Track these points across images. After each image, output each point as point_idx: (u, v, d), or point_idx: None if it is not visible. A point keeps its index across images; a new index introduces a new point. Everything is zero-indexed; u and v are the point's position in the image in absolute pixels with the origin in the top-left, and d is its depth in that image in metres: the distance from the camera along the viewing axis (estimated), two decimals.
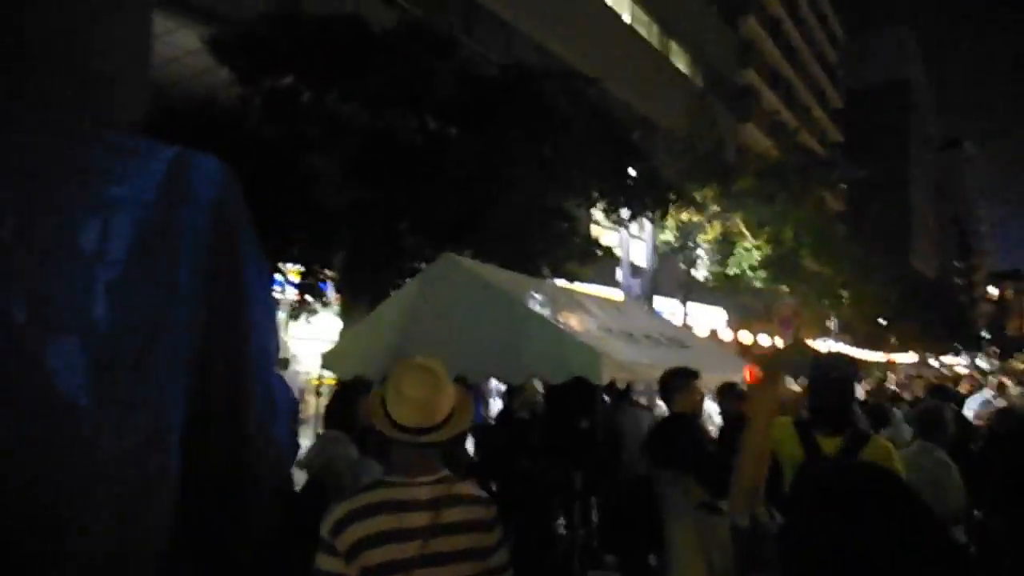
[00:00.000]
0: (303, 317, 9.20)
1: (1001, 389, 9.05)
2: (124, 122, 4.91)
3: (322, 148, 6.16)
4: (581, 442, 5.66)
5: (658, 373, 5.97)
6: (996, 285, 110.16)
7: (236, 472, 2.70)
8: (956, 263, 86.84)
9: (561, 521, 6.76)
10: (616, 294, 15.99)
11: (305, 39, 6.38)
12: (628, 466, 6.43)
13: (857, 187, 28.98)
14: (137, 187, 2.57)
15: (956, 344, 60.14)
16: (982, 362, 60.66)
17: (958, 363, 56.37)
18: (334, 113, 6.43)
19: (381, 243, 7.54)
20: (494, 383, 9.31)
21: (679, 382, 4.21)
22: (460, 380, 5.09)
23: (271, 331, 3.84)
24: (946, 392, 8.31)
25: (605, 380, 5.12)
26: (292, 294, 8.79)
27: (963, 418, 8.20)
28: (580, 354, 5.03)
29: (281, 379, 3.51)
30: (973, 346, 66.61)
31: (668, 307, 20.58)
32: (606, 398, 6.70)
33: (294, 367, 15.41)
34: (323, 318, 9.85)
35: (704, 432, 2.54)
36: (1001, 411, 6.88)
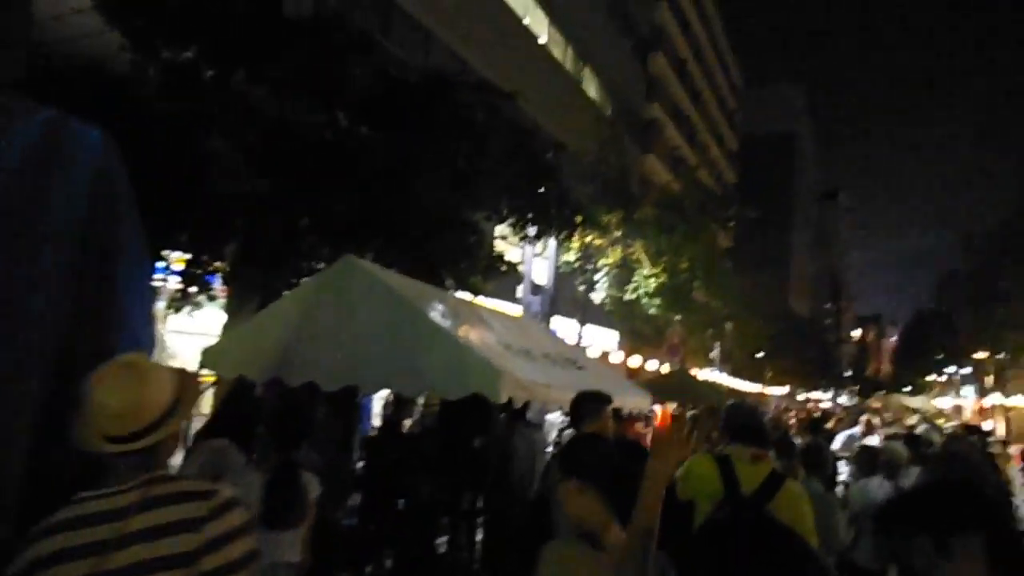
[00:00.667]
0: (185, 310, 8.58)
1: (869, 427, 9.71)
2: None
3: (223, 131, 5.72)
4: (473, 461, 5.53)
5: (554, 394, 5.97)
6: (859, 328, 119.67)
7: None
8: (827, 306, 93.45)
9: (444, 539, 6.60)
10: (516, 310, 16.05)
11: (211, 11, 5.93)
12: (518, 487, 6.37)
13: (744, 226, 30.59)
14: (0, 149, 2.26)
15: (822, 381, 64.58)
16: (844, 399, 65.43)
17: (823, 399, 60.57)
18: (239, 96, 6.00)
19: (278, 238, 7.14)
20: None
21: (591, 406, 4.09)
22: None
23: (146, 323, 3.50)
24: (821, 430, 8.80)
25: (503, 398, 5.02)
26: (175, 284, 8.19)
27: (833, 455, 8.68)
28: (479, 370, 4.90)
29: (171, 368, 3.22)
30: (837, 384, 71.78)
31: (565, 326, 20.88)
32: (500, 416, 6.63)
33: (169, 363, 14.49)
34: (207, 312, 9.25)
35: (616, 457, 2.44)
36: (863, 448, 7.41)
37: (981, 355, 35.56)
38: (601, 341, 25.45)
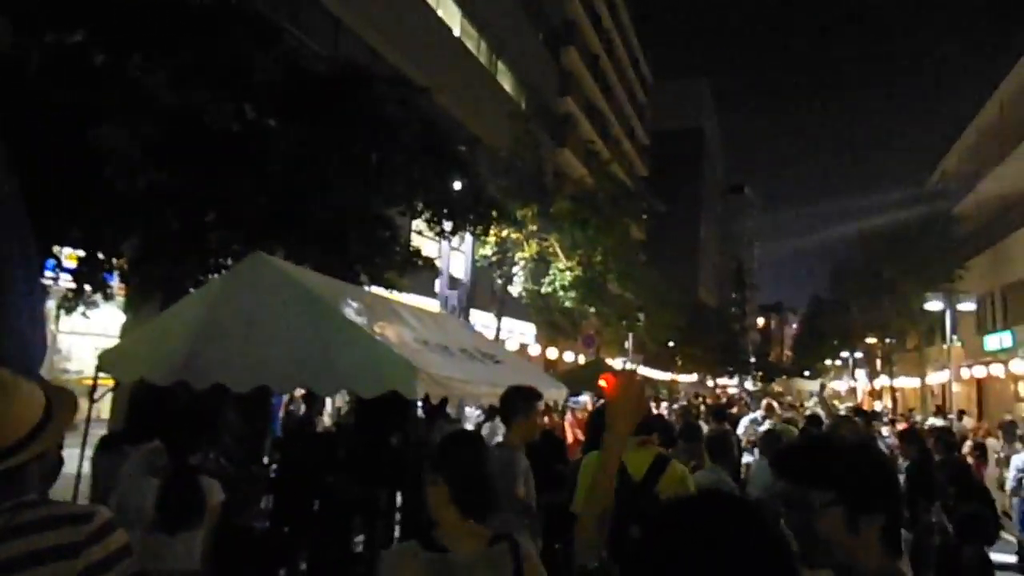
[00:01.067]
0: (80, 310, 8.08)
1: (769, 411, 10.18)
2: None
3: (118, 121, 5.36)
4: (390, 459, 5.47)
5: (472, 388, 5.98)
6: (763, 316, 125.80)
7: None
8: (733, 295, 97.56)
9: (361, 539, 6.51)
10: (433, 305, 15.96)
11: None
12: None
13: (655, 219, 31.46)
14: None
15: (729, 367, 67.44)
16: (749, 384, 68.56)
17: (730, 384, 63.29)
18: (134, 84, 5.64)
19: (182, 234, 6.80)
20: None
21: (523, 404, 4.06)
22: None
23: (35, 325, 3.30)
24: (726, 415, 9.18)
25: (420, 395, 4.99)
26: (67, 282, 7.68)
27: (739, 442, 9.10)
28: (396, 367, 4.84)
29: (44, 382, 3.03)
30: (743, 369, 75.13)
31: (483, 320, 20.94)
32: (420, 413, 6.58)
33: (63, 366, 13.66)
34: (105, 312, 8.75)
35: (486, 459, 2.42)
36: (767, 432, 7.78)
37: (871, 340, 38.04)
38: (519, 334, 25.68)
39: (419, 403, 5.91)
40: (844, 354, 48.67)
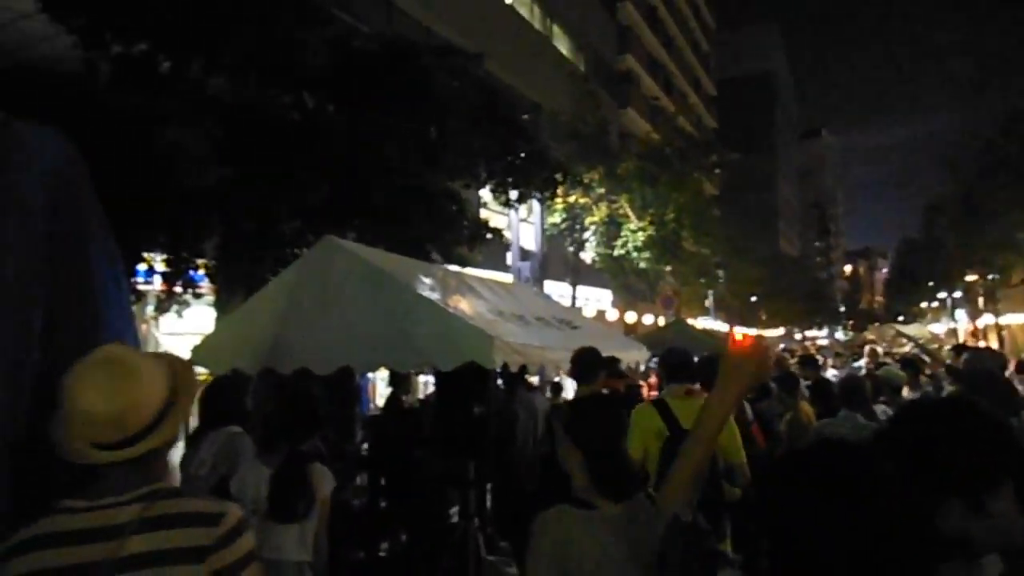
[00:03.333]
0: (173, 310, 8.49)
1: (873, 357, 9.79)
2: None
3: (183, 122, 5.54)
4: (474, 429, 5.53)
5: (549, 355, 5.95)
6: (850, 262, 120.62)
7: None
8: (816, 243, 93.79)
9: (455, 510, 6.63)
10: (506, 278, 16.01)
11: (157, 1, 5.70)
12: (521, 451, 6.39)
13: (729, 172, 30.34)
14: None
15: (816, 319, 65.04)
16: (840, 335, 65.98)
17: (819, 336, 61.09)
18: (198, 85, 5.79)
19: (256, 228, 7.02)
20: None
21: (590, 367, 4.36)
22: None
23: (127, 322, 3.43)
24: (818, 364, 8.96)
25: (497, 364, 4.99)
26: (160, 285, 8.08)
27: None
28: (471, 338, 4.85)
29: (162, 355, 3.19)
30: (832, 320, 72.33)
31: (557, 290, 20.88)
32: (500, 383, 6.62)
33: None
34: (199, 311, 9.17)
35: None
36: (846, 378, 7.48)
37: (971, 277, 35.74)
38: (595, 301, 25.50)
39: (498, 372, 5.94)
40: (941, 295, 46.02)
